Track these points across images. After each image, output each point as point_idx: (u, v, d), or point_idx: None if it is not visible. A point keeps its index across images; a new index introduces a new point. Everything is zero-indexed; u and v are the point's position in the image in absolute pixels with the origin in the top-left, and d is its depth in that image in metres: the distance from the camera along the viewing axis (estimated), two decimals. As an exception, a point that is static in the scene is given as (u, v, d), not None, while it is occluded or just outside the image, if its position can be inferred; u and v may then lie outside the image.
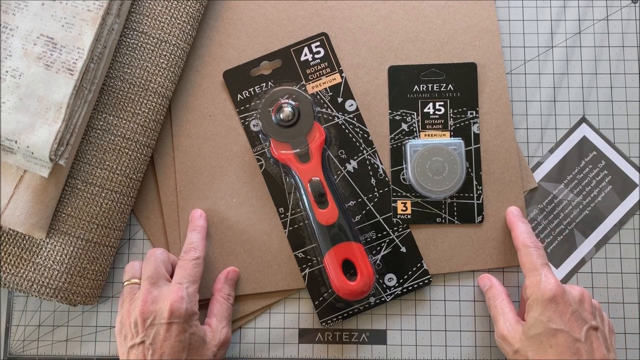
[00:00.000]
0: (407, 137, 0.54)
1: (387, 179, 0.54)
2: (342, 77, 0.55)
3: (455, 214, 0.53)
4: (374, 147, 0.54)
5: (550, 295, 0.45)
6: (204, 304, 0.52)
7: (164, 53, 0.53)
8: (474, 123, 0.54)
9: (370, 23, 0.56)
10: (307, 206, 0.52)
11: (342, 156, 0.54)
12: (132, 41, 0.52)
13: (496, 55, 0.55)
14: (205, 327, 0.48)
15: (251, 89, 0.55)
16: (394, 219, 0.54)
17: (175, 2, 0.53)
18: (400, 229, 0.54)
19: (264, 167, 0.54)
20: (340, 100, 0.55)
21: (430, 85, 0.55)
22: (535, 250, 0.49)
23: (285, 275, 0.53)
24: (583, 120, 0.56)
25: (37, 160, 0.47)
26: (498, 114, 0.55)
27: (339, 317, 0.53)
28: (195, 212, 0.53)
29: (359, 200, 0.54)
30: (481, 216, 0.53)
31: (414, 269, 0.53)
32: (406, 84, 0.55)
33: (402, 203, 0.54)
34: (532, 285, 0.47)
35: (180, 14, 0.53)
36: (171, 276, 0.49)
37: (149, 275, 0.48)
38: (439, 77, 0.55)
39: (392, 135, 0.55)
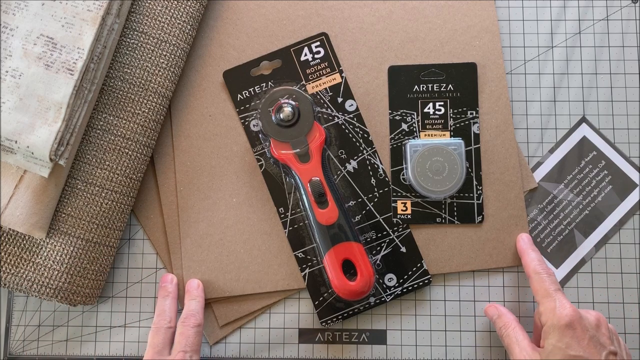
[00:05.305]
0: (407, 137, 0.54)
1: (387, 179, 0.54)
2: (342, 77, 0.55)
3: (455, 214, 0.53)
4: (374, 147, 0.54)
5: (567, 321, 0.45)
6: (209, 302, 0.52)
7: (164, 53, 0.53)
8: (474, 123, 0.54)
9: (370, 23, 0.56)
10: (307, 206, 0.52)
11: (342, 156, 0.54)
12: (132, 41, 0.52)
13: (496, 55, 0.55)
14: None
15: (251, 89, 0.55)
16: (394, 219, 0.54)
17: (175, 2, 0.53)
18: (400, 229, 0.53)
19: (264, 167, 0.54)
20: (340, 100, 0.55)
21: (430, 85, 0.55)
22: (547, 276, 0.48)
23: (285, 275, 0.53)
24: (583, 120, 0.56)
25: (37, 160, 0.47)
26: (498, 114, 0.55)
27: (339, 317, 0.53)
28: (192, 282, 0.53)
29: (359, 200, 0.54)
30: (481, 216, 0.53)
31: (414, 269, 0.53)
32: (406, 84, 0.55)
33: (402, 203, 0.54)
34: (547, 311, 0.46)
35: (180, 14, 0.53)
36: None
37: (155, 343, 0.49)
38: (439, 77, 0.55)
39: (392, 135, 0.55)
